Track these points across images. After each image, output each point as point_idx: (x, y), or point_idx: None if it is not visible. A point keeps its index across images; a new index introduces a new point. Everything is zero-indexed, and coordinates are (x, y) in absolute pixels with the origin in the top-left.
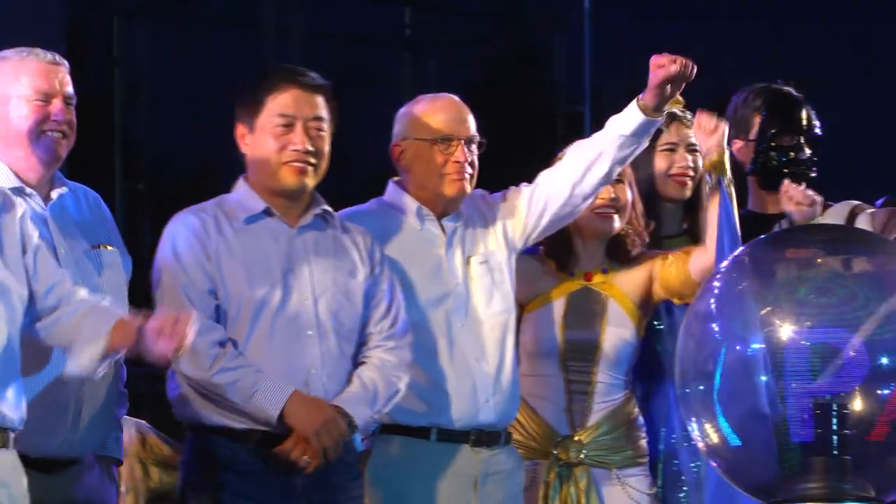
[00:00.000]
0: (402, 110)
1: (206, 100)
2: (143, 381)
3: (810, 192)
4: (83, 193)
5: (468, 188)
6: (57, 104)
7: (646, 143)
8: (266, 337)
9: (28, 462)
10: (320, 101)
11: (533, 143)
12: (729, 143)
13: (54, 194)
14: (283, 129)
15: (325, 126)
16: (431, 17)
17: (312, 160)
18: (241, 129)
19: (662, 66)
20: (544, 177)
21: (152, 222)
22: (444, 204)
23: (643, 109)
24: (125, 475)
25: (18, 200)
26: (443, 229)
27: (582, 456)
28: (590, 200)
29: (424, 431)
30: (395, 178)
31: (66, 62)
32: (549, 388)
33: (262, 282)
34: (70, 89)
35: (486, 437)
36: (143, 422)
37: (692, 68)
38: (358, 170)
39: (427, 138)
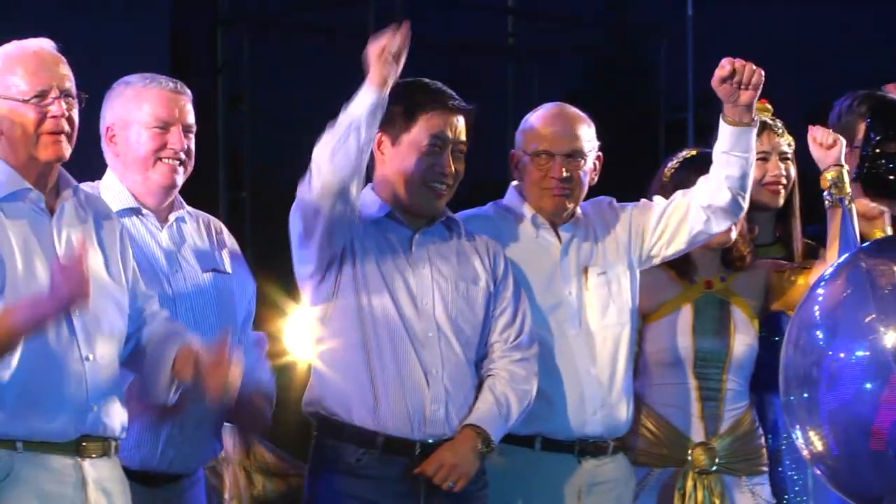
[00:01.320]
0: (523, 119)
1: (308, 109)
2: None
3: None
4: (204, 219)
5: (567, 204)
6: (175, 133)
7: (752, 156)
8: (387, 337)
9: (131, 475)
10: (463, 123)
11: (636, 151)
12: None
13: (172, 217)
14: (432, 150)
15: (464, 148)
16: (535, 26)
17: (451, 182)
18: (381, 138)
19: (720, 68)
20: (679, 199)
21: (255, 231)
22: (549, 216)
23: (728, 121)
24: (229, 483)
25: (130, 221)
26: (559, 237)
27: (716, 463)
28: (725, 226)
29: (528, 440)
30: (515, 183)
31: (188, 91)
32: (679, 396)
33: (381, 289)
34: (190, 118)
35: (592, 447)
36: None
37: (752, 73)
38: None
39: (528, 152)
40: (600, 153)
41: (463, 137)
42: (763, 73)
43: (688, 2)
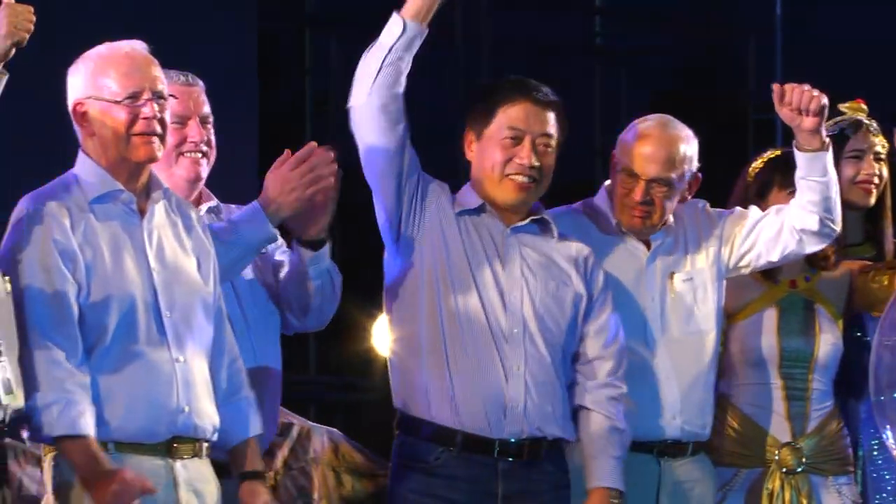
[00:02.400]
0: (630, 124)
1: None
2: (334, 390)
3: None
4: (230, 210)
5: (644, 224)
6: (193, 125)
7: (831, 177)
8: (468, 331)
9: (217, 466)
10: (551, 116)
11: (724, 151)
12: None
13: (202, 210)
14: (511, 142)
15: (553, 143)
16: (621, 26)
17: (535, 176)
18: (469, 136)
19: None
20: (772, 217)
21: (342, 231)
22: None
23: (798, 147)
24: (318, 483)
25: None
26: (647, 242)
27: (804, 463)
28: (818, 247)
29: None
30: (608, 183)
31: (200, 82)
32: (765, 396)
33: (470, 275)
34: (206, 109)
35: (671, 448)
36: (335, 430)
37: (809, 98)
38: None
39: (618, 165)
40: (699, 174)
41: (549, 130)
42: (824, 98)
43: (776, 0)
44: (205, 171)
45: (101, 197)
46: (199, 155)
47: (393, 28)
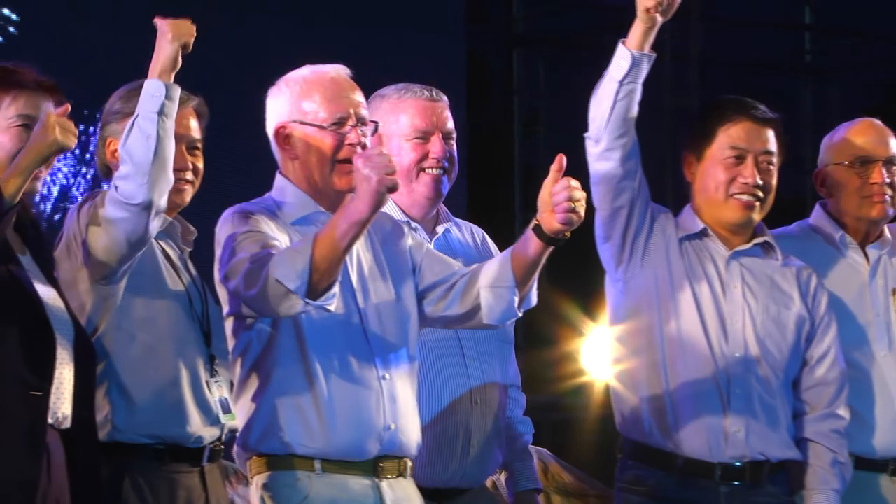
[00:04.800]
0: (824, 139)
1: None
2: (541, 410)
3: None
4: (469, 230)
5: (889, 210)
6: (436, 141)
7: None
8: (689, 355)
9: (423, 492)
10: (771, 134)
11: None
12: None
13: (439, 229)
14: (734, 162)
15: (775, 160)
16: (833, 42)
17: (759, 194)
18: (688, 158)
19: None
20: None
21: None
22: (866, 228)
23: None
24: None
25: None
26: (866, 257)
27: None
28: None
29: None
30: (822, 201)
31: (444, 97)
32: None
33: (692, 299)
34: (450, 125)
35: None
36: (543, 450)
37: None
38: None
39: (843, 162)
40: None
41: (770, 148)
42: None
43: None
44: (445, 188)
45: (302, 219)
46: (441, 171)
47: (621, 62)
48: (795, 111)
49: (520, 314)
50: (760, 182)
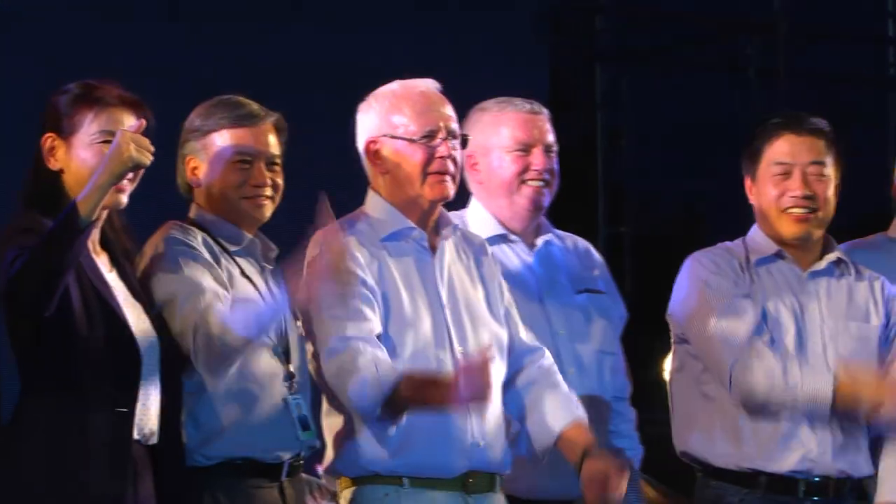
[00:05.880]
0: None
1: (688, 144)
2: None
3: None
4: (571, 241)
5: None
6: (537, 154)
7: None
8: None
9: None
10: (819, 144)
11: None
12: None
13: (539, 241)
14: (781, 178)
15: (826, 170)
16: None
17: (812, 206)
18: (747, 181)
19: None
20: None
21: (634, 265)
22: None
23: None
24: None
25: (498, 248)
26: None
27: None
28: None
29: None
30: None
31: (545, 110)
32: None
33: (774, 326)
34: (551, 137)
35: None
36: None
37: None
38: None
39: None
40: None
41: (819, 158)
42: None
43: None
44: (547, 200)
45: (393, 234)
46: (542, 184)
47: None
48: (881, 125)
49: None
50: (810, 193)
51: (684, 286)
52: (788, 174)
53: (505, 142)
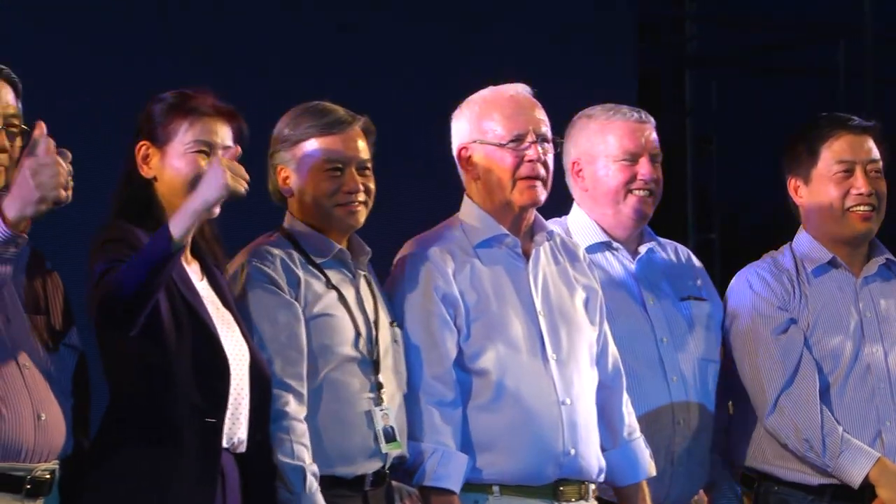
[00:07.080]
0: None
1: (778, 150)
2: None
3: None
4: (673, 248)
5: None
6: (644, 163)
7: None
8: (839, 388)
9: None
10: (871, 143)
11: None
12: None
13: (642, 249)
14: (843, 175)
15: (881, 167)
16: None
17: (875, 203)
18: (794, 182)
19: None
20: None
21: (723, 272)
22: None
23: None
24: None
25: (601, 255)
26: None
27: None
28: None
29: None
30: None
31: (652, 119)
32: None
33: (834, 333)
34: (657, 147)
35: None
36: None
37: None
38: None
39: None
40: None
41: (874, 156)
42: None
43: None
44: (651, 209)
45: (486, 241)
46: (647, 193)
47: None
48: None
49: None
50: (873, 191)
51: (733, 308)
52: (851, 172)
53: (612, 150)
